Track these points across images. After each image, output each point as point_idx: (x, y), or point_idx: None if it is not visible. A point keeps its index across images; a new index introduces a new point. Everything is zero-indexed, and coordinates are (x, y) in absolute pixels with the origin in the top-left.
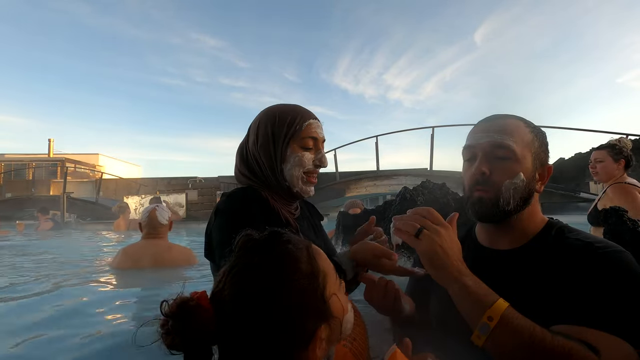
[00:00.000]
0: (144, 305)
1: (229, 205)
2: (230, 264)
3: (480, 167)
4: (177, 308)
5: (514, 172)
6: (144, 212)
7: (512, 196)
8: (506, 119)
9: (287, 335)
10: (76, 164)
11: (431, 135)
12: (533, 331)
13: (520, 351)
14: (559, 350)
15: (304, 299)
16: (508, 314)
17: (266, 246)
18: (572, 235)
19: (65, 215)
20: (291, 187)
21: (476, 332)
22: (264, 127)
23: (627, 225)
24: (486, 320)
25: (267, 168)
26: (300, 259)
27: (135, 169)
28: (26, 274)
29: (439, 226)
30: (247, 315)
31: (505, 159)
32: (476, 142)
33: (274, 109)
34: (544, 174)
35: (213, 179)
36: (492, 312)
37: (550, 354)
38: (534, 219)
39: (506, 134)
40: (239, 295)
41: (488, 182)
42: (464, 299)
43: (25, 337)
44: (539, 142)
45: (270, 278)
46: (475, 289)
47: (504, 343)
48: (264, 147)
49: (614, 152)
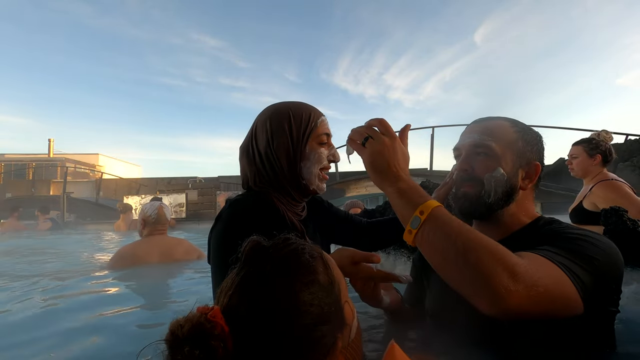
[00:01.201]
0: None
1: (231, 211)
2: (239, 274)
3: (462, 164)
4: (192, 331)
5: (493, 167)
6: (152, 209)
7: (494, 189)
8: (491, 121)
9: (310, 350)
10: (76, 164)
11: (431, 135)
12: (462, 225)
13: (449, 243)
14: (486, 244)
15: (324, 311)
16: (439, 210)
17: (279, 255)
18: (554, 225)
19: (65, 215)
20: (308, 184)
21: (408, 228)
22: (278, 126)
23: (627, 225)
24: (418, 214)
25: (286, 167)
26: (317, 270)
27: (135, 169)
28: (22, 276)
29: (386, 136)
30: (268, 334)
31: (484, 155)
32: (461, 143)
33: (284, 107)
34: (532, 172)
35: (213, 179)
36: (424, 207)
37: (478, 247)
38: (521, 215)
39: (486, 134)
40: (258, 313)
41: (471, 177)
42: (399, 199)
43: (24, 340)
44: (524, 141)
45: (290, 292)
46: (411, 192)
47: (434, 236)
48: (282, 146)
49: (589, 147)
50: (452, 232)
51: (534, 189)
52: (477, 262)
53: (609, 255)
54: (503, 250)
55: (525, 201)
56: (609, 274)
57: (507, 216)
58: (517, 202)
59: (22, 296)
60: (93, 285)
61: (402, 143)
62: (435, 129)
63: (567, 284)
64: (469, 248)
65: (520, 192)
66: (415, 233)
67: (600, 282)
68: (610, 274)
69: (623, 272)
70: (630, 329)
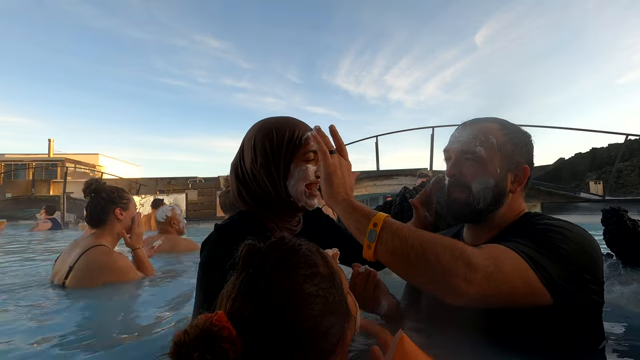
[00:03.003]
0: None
1: (215, 238)
2: (239, 277)
3: (450, 170)
4: (200, 337)
5: (481, 173)
6: (166, 212)
7: (483, 196)
8: (479, 124)
9: (320, 341)
10: (76, 164)
11: (431, 135)
12: (413, 229)
13: (407, 246)
14: (441, 241)
15: (330, 301)
16: (389, 219)
17: (276, 253)
18: (535, 219)
19: (65, 216)
20: (296, 201)
21: (366, 243)
22: (261, 145)
23: (627, 225)
24: (372, 227)
25: (269, 186)
26: (317, 263)
27: (135, 169)
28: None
29: (343, 157)
30: (277, 331)
31: (472, 160)
32: (449, 146)
33: (268, 125)
34: (521, 176)
35: (213, 179)
36: (376, 219)
37: (434, 245)
38: (509, 214)
39: (474, 139)
40: (264, 312)
41: (460, 184)
42: (352, 214)
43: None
44: (513, 144)
45: (294, 286)
46: (361, 207)
47: (393, 242)
48: (265, 166)
49: None
50: (407, 236)
51: (524, 189)
52: (436, 258)
53: (579, 244)
54: (458, 244)
55: (514, 202)
56: (579, 263)
57: (497, 218)
58: (507, 205)
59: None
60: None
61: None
62: (435, 129)
63: (527, 271)
64: (426, 247)
65: (509, 195)
66: (374, 246)
67: (569, 271)
68: (580, 263)
69: (599, 262)
70: (630, 328)
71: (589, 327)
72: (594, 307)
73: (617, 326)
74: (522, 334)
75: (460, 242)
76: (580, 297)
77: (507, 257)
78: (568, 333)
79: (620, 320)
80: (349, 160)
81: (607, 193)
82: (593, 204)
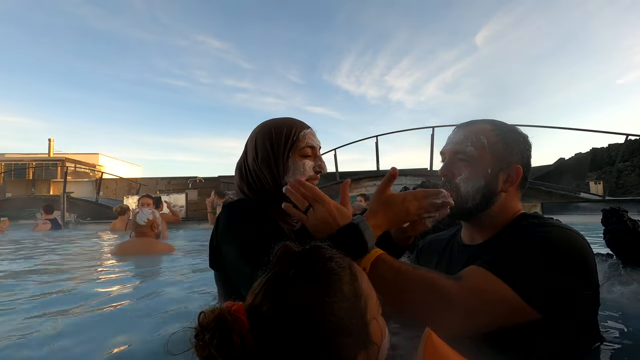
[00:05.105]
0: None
1: (230, 209)
2: (266, 276)
3: (443, 170)
4: (215, 321)
5: (471, 173)
6: (147, 215)
7: (472, 195)
8: (473, 125)
9: (325, 358)
10: (76, 163)
11: (431, 135)
12: (398, 270)
13: (392, 287)
14: (420, 278)
15: (345, 321)
16: (377, 260)
17: (306, 261)
18: (533, 220)
19: (65, 215)
20: None
21: None
22: (262, 143)
23: (627, 225)
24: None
25: (270, 182)
26: (343, 279)
27: (135, 169)
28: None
29: (320, 203)
30: (285, 334)
31: (464, 161)
32: (444, 147)
33: (269, 124)
34: (513, 175)
35: (213, 179)
36: (364, 263)
37: (414, 284)
38: (504, 214)
39: (466, 140)
40: (279, 312)
41: (451, 183)
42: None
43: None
44: (504, 144)
45: (312, 297)
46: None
47: (379, 285)
48: (265, 162)
49: None
50: (391, 280)
51: (520, 189)
52: (415, 299)
53: (567, 253)
54: (436, 279)
55: (508, 202)
56: (567, 274)
57: (490, 218)
58: (499, 204)
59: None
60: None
61: (342, 198)
62: (435, 129)
63: (508, 294)
64: (406, 289)
65: (502, 195)
66: None
67: (555, 284)
68: (569, 273)
69: (590, 267)
70: (630, 328)
71: (583, 330)
72: (587, 312)
73: (617, 326)
74: (515, 344)
75: (437, 275)
76: (569, 307)
77: (488, 285)
78: (562, 339)
79: (620, 320)
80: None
81: (607, 193)
82: (593, 204)
